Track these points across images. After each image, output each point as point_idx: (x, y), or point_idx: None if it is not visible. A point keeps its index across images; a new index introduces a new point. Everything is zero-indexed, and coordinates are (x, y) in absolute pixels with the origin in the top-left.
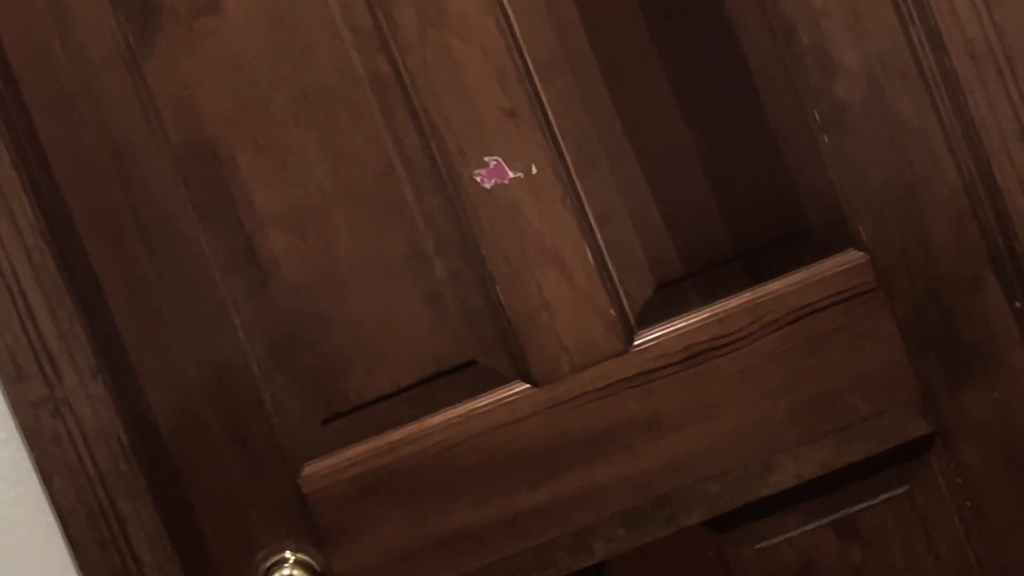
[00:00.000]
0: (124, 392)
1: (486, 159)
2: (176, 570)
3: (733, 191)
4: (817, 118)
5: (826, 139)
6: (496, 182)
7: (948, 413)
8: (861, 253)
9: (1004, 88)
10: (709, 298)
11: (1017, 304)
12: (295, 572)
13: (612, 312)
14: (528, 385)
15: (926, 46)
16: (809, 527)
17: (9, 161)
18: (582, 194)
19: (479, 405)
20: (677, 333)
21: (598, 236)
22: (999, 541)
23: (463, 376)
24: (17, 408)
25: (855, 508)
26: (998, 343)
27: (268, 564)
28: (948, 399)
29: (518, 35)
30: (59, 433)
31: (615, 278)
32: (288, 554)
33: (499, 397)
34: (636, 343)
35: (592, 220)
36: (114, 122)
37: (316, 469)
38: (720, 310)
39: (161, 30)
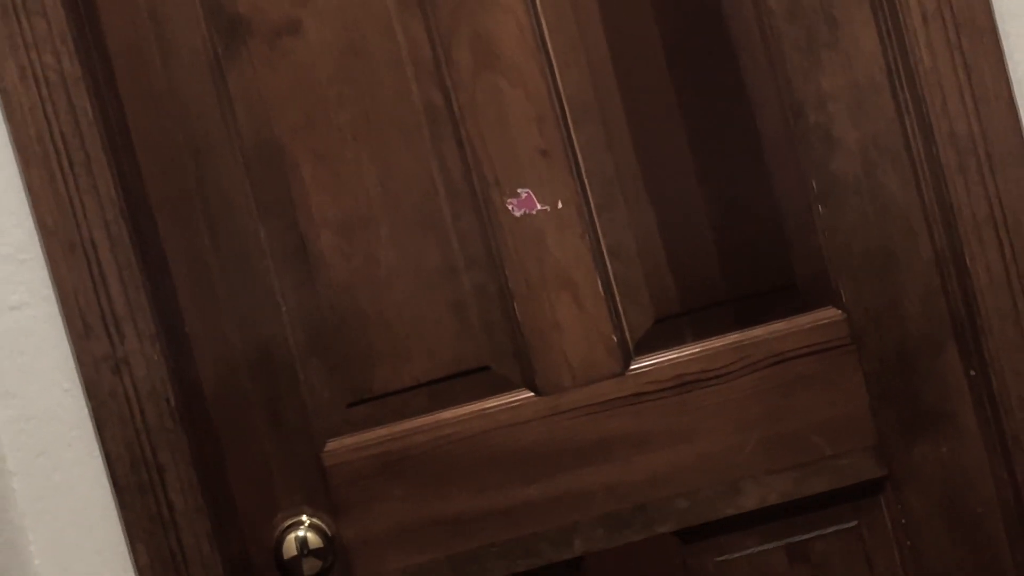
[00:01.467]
0: (176, 359)
1: (519, 190)
2: (203, 519)
3: (732, 243)
4: (814, 188)
5: (820, 207)
6: (525, 212)
7: (900, 461)
8: (839, 311)
9: (981, 179)
10: (701, 335)
11: (972, 372)
12: (308, 534)
13: (614, 338)
14: (532, 394)
15: (917, 135)
16: (765, 547)
17: (100, 145)
18: (599, 230)
19: (487, 407)
20: (669, 363)
21: (609, 269)
22: (933, 557)
23: (476, 379)
24: (82, 362)
25: (808, 535)
26: (951, 404)
27: (286, 524)
28: (901, 449)
29: (559, 84)
30: (116, 388)
31: (620, 308)
32: (304, 517)
33: (506, 401)
34: (632, 367)
35: (605, 255)
36: (195, 121)
37: (337, 446)
38: (709, 347)
39: (246, 44)
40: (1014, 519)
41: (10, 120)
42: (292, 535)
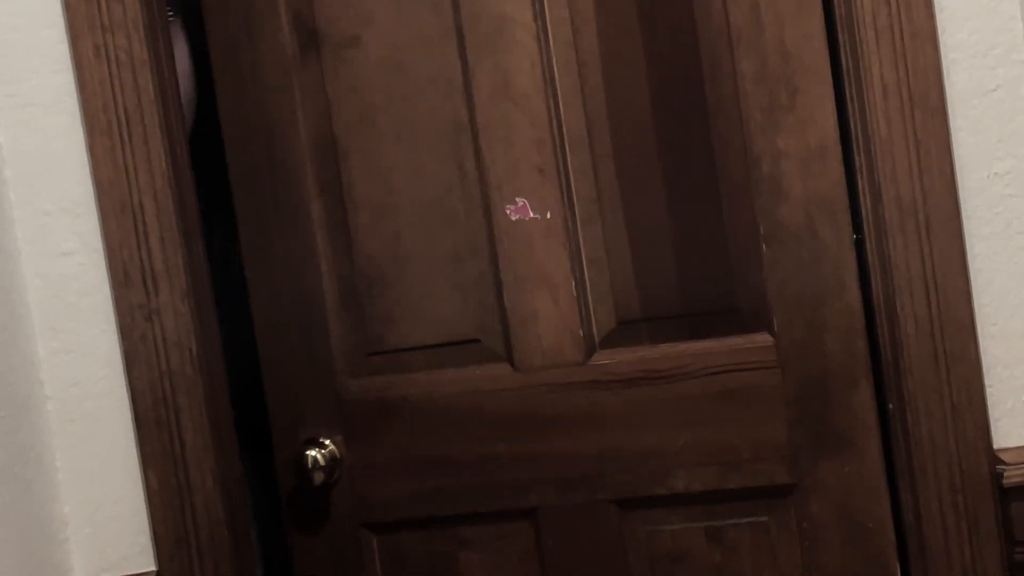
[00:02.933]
0: (202, 314)
1: (516, 199)
2: (209, 457)
3: (689, 266)
4: (761, 230)
5: (764, 247)
6: (520, 217)
7: (807, 474)
8: (771, 337)
9: (919, 239)
10: (654, 341)
11: (891, 406)
12: (322, 452)
13: (580, 332)
14: (511, 367)
15: (867, 194)
16: (689, 526)
17: (156, 122)
18: (580, 241)
19: (473, 373)
20: (624, 360)
21: (585, 275)
22: (828, 561)
23: (468, 349)
24: (119, 308)
25: (724, 523)
26: (858, 434)
27: (306, 438)
28: (809, 464)
29: (560, 115)
30: (146, 334)
31: (590, 308)
32: (322, 439)
33: (488, 371)
34: (593, 359)
35: (583, 262)
36: (271, 110)
37: (355, 385)
38: (659, 353)
39: (317, 52)
40: (912, 538)
41: (82, 92)
42: (310, 451)
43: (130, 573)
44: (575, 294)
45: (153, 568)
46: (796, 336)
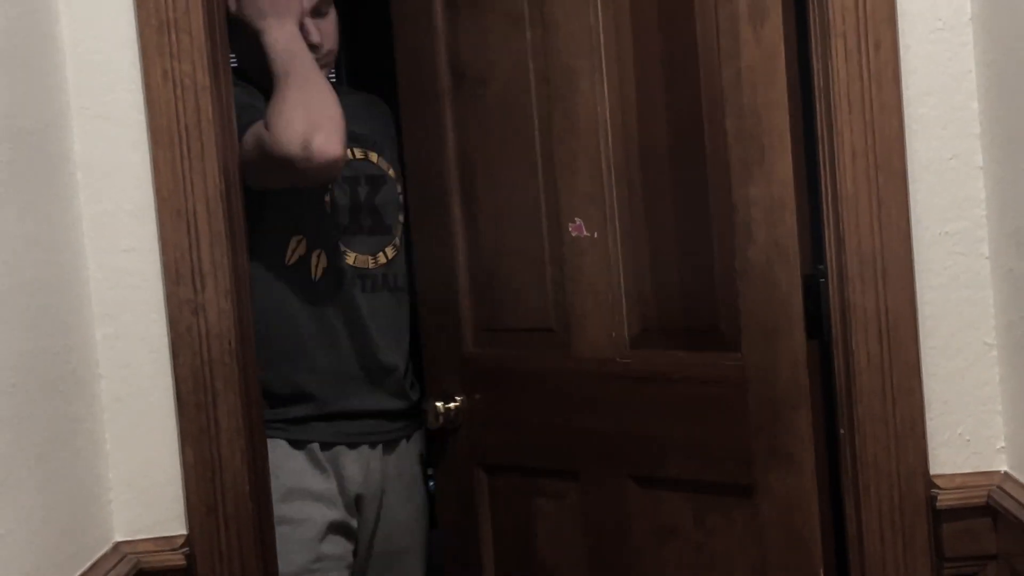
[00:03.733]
0: (241, 311)
1: (576, 219)
2: (240, 438)
3: (690, 290)
4: (736, 266)
5: (738, 281)
6: (577, 235)
7: (761, 478)
8: (740, 358)
9: (875, 285)
10: (664, 347)
11: (842, 431)
12: (448, 404)
13: (613, 333)
14: (570, 354)
15: (833, 243)
16: (680, 507)
17: (213, 141)
18: (619, 258)
19: (546, 355)
20: (644, 360)
21: (621, 286)
22: (774, 558)
23: (545, 335)
24: (170, 303)
25: (705, 508)
26: (797, 449)
27: (438, 392)
28: (762, 470)
29: (609, 152)
30: (192, 326)
31: (624, 314)
32: (451, 392)
33: (555, 355)
34: (622, 357)
35: (621, 276)
36: (431, 124)
37: (475, 353)
38: (666, 358)
39: (461, 87)
40: (853, 549)
41: (149, 109)
42: (438, 402)
43: (163, 535)
44: (610, 301)
45: (184, 532)
46: (757, 360)
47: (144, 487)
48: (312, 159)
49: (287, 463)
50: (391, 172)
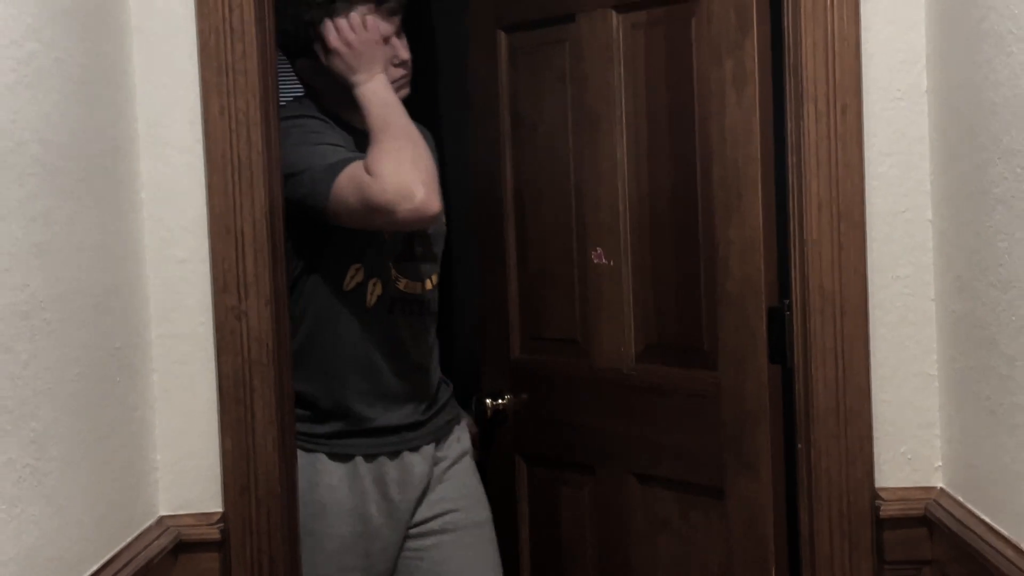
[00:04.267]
0: (279, 318)
1: (597, 248)
2: (273, 429)
3: (683, 311)
4: (717, 296)
5: (718, 308)
6: (598, 261)
7: (731, 483)
8: (717, 376)
9: (834, 320)
10: (663, 363)
11: (800, 445)
12: (497, 401)
13: (622, 349)
14: (590, 363)
15: (798, 282)
16: (670, 504)
17: (261, 169)
18: (631, 285)
19: (571, 362)
20: (647, 373)
21: (630, 309)
22: (738, 553)
23: (571, 345)
24: (217, 308)
25: (688, 506)
26: (758, 461)
27: (490, 391)
28: (732, 476)
29: (625, 189)
30: (235, 329)
31: (632, 332)
32: (500, 391)
33: (579, 363)
34: (629, 369)
35: (631, 299)
36: (492, 163)
37: (520, 356)
38: (664, 372)
39: (517, 131)
40: (805, 550)
41: (207, 139)
42: (488, 399)
43: (202, 511)
44: (622, 320)
45: (220, 509)
46: (730, 379)
47: (186, 469)
48: (416, 212)
49: (324, 477)
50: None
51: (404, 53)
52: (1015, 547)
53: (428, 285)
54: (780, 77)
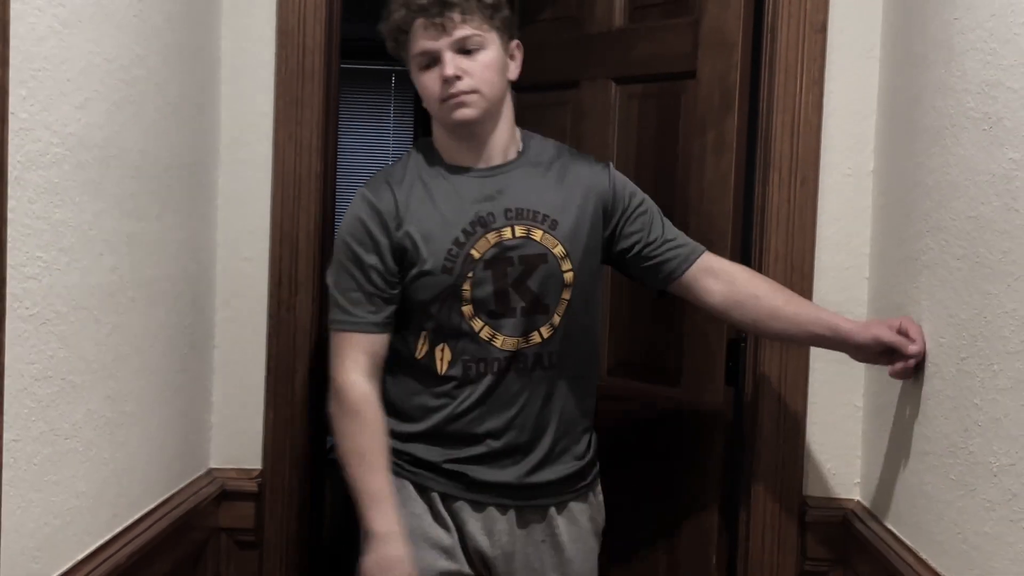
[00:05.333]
0: (323, 312)
1: None
2: (306, 409)
3: (655, 335)
4: (684, 329)
5: (684, 340)
6: None
7: (684, 481)
8: (680, 392)
9: (780, 354)
10: (631, 377)
11: (746, 454)
12: None
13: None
14: None
15: None
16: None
17: (317, 188)
18: (608, 312)
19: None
20: (617, 385)
21: (607, 331)
22: (685, 542)
23: None
24: (271, 300)
25: (649, 496)
26: (711, 464)
27: None
28: (686, 475)
29: None
30: (285, 318)
31: (606, 352)
32: None
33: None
34: (605, 380)
35: (608, 324)
36: None
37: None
38: (632, 385)
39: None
40: (741, 545)
41: (275, 160)
42: None
43: (244, 467)
44: (604, 339)
45: (259, 467)
46: (690, 395)
47: (235, 431)
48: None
49: (408, 505)
50: (558, 249)
51: (448, 69)
52: (914, 554)
53: (536, 339)
54: (752, 149)
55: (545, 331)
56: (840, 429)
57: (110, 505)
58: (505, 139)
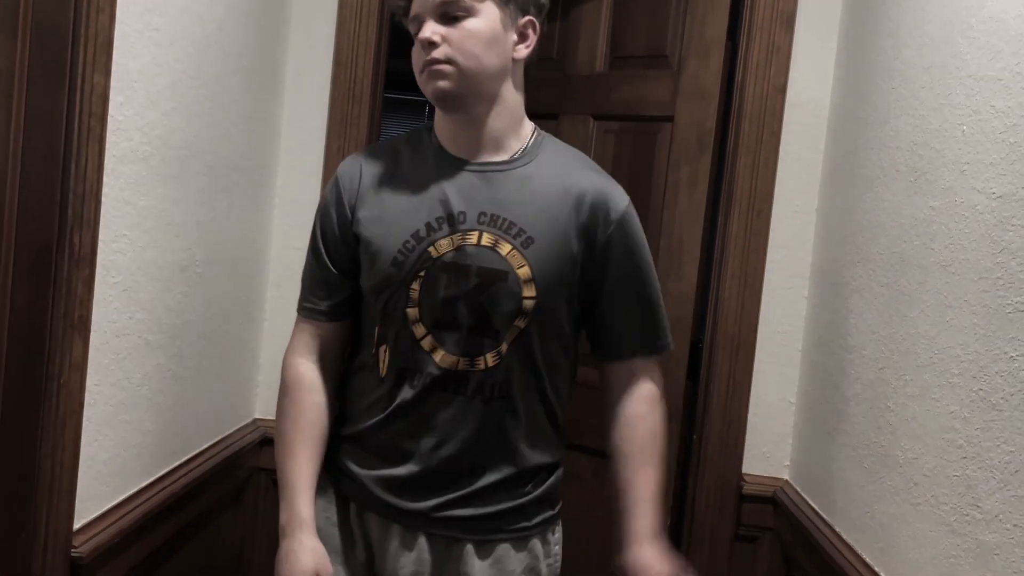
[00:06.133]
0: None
1: None
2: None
3: None
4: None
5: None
6: None
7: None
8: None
9: (731, 357)
10: (592, 366)
11: (695, 436)
12: None
13: None
14: None
15: (710, 326)
16: (587, 463)
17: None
18: None
19: None
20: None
21: None
22: None
23: None
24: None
25: (598, 465)
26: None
27: None
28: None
29: None
30: None
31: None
32: None
33: None
34: None
35: None
36: None
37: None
38: (591, 375)
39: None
40: (688, 511)
41: (325, 168)
42: None
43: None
44: None
45: None
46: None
47: (275, 390)
48: None
49: (327, 510)
50: (523, 271)
51: (424, 32)
52: (831, 527)
53: (481, 364)
54: (717, 185)
55: (491, 358)
56: (776, 419)
57: (170, 443)
58: (501, 129)
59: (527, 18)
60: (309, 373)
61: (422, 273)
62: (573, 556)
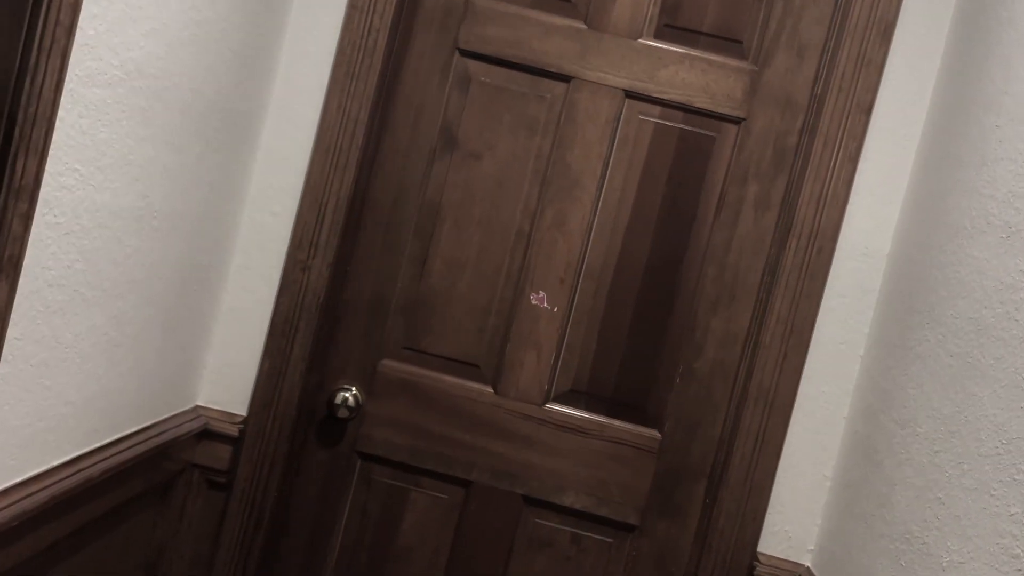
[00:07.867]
0: (334, 278)
1: (540, 292)
2: (302, 365)
3: (627, 374)
4: (680, 370)
5: (678, 380)
6: (537, 304)
7: (648, 522)
8: (659, 434)
9: (763, 414)
10: (587, 408)
11: (708, 501)
12: (350, 395)
13: (545, 387)
14: (492, 390)
15: (743, 374)
16: (561, 528)
17: (356, 162)
18: (567, 332)
19: (466, 385)
20: (564, 414)
21: (562, 352)
22: None
23: (469, 369)
24: (288, 258)
25: (585, 533)
26: (687, 508)
27: (342, 386)
28: (652, 517)
29: (588, 252)
30: (297, 278)
31: (557, 373)
32: (353, 388)
33: (475, 388)
34: (546, 406)
35: (564, 344)
36: (410, 178)
37: (387, 364)
38: (585, 417)
39: (451, 153)
40: None
41: (320, 126)
42: (342, 392)
43: (229, 411)
44: (551, 361)
45: (243, 414)
46: (675, 440)
47: (227, 375)
48: None
49: None
50: None
51: None
52: None
53: None
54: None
55: None
56: (805, 495)
57: (93, 420)
58: None
59: None
60: None
61: None
62: None
